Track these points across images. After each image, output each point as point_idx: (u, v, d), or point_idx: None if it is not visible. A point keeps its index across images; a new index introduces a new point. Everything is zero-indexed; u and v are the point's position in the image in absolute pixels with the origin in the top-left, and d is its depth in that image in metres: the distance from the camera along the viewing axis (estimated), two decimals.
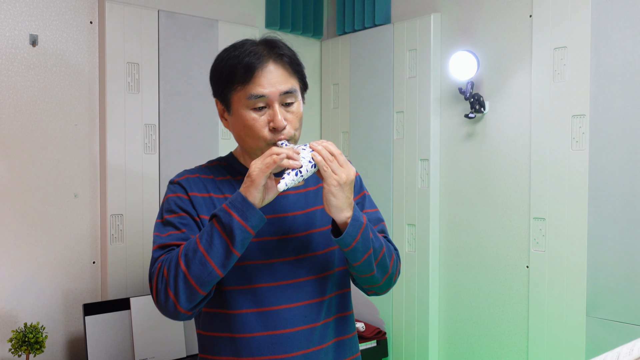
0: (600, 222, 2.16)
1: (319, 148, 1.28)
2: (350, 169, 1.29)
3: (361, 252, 1.32)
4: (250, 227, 1.24)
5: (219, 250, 1.23)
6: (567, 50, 2.25)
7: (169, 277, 1.25)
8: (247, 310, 1.35)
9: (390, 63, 2.87)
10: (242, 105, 1.34)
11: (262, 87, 1.32)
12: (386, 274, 1.41)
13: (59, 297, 2.35)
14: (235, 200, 1.25)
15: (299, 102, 1.38)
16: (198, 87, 2.67)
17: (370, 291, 1.46)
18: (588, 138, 2.19)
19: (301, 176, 1.25)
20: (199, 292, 1.25)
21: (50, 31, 2.32)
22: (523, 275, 2.42)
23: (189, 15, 2.66)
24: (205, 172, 1.46)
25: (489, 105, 2.53)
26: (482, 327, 2.57)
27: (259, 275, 1.36)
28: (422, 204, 2.74)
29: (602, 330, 2.15)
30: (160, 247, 1.34)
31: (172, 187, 1.43)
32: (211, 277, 1.24)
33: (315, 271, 1.40)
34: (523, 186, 2.42)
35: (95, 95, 2.44)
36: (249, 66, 1.33)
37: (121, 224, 2.45)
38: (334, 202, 1.27)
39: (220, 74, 1.39)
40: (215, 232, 1.24)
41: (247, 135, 1.36)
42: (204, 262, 1.23)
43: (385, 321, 2.90)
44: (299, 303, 1.37)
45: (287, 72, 1.36)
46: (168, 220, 1.37)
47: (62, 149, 2.35)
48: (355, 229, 1.29)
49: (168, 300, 1.26)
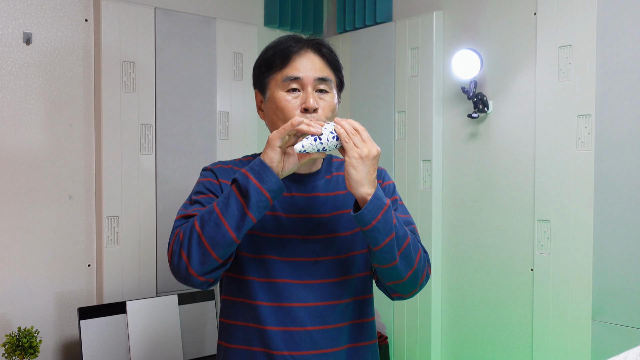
0: (606, 224, 2.16)
1: (343, 122, 1.29)
2: (374, 145, 1.29)
3: (382, 234, 1.28)
4: (266, 190, 1.26)
5: (234, 212, 1.26)
6: (573, 48, 2.25)
7: (184, 239, 1.28)
8: (265, 303, 1.39)
9: (392, 62, 2.87)
10: (277, 87, 1.40)
11: (297, 70, 1.38)
12: (411, 269, 1.35)
13: (53, 300, 2.34)
14: (254, 164, 1.28)
15: (333, 94, 1.42)
16: (195, 86, 2.67)
17: (395, 293, 1.41)
18: (594, 138, 2.19)
19: (320, 142, 1.26)
20: (212, 254, 1.26)
21: (44, 29, 2.32)
22: (527, 279, 2.41)
23: (186, 13, 2.65)
24: (238, 165, 1.49)
25: (493, 104, 2.52)
26: (485, 332, 2.57)
27: (279, 271, 1.39)
28: (424, 205, 2.74)
29: (608, 334, 2.15)
30: (183, 216, 1.37)
31: (204, 173, 1.48)
32: (225, 240, 1.26)
33: (333, 275, 1.42)
34: (527, 187, 2.41)
35: (91, 94, 2.44)
36: (287, 51, 1.39)
37: (117, 226, 2.45)
38: (354, 175, 1.27)
39: (261, 64, 1.45)
40: (232, 194, 1.27)
41: (279, 118, 1.39)
42: (218, 223, 1.25)
43: (387, 325, 2.90)
44: (314, 303, 1.40)
45: (323, 62, 1.42)
46: (196, 199, 1.40)
47: (57, 150, 2.35)
48: (376, 207, 1.27)
49: (181, 261, 1.28)
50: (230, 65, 2.82)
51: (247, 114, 2.86)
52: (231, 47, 2.82)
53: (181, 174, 2.62)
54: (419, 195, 2.75)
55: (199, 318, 2.53)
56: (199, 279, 1.29)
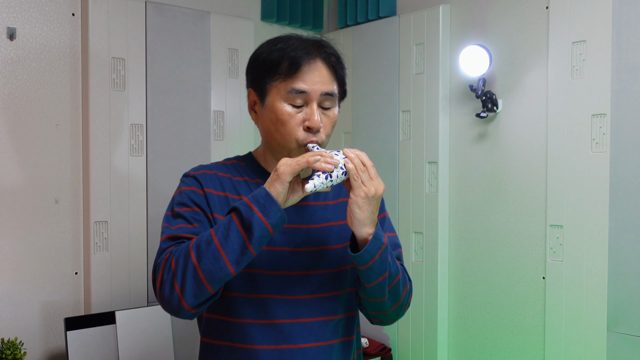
0: (622, 229, 2.15)
1: (352, 156, 1.30)
2: (381, 183, 1.31)
3: (376, 274, 1.33)
4: (270, 224, 1.25)
5: (235, 245, 1.24)
6: (587, 44, 2.25)
7: (177, 269, 1.25)
8: (250, 321, 1.37)
9: (396, 58, 2.87)
10: (280, 98, 1.37)
11: (304, 83, 1.36)
12: (397, 303, 1.42)
13: (38, 310, 2.34)
14: (258, 194, 1.26)
15: (335, 108, 1.42)
16: (188, 84, 2.67)
17: (375, 319, 1.48)
18: (609, 139, 2.19)
19: (330, 181, 1.27)
20: (207, 288, 1.25)
21: (29, 24, 2.32)
22: (539, 287, 2.41)
23: (178, 7, 2.66)
24: (222, 169, 1.47)
25: (502, 103, 2.52)
26: (495, 344, 2.57)
27: (267, 285, 1.38)
28: (430, 210, 2.73)
29: (624, 346, 2.15)
30: (169, 237, 1.35)
31: (186, 180, 1.45)
32: (222, 274, 1.24)
33: (325, 289, 1.42)
34: (539, 191, 2.41)
35: (78, 93, 2.43)
36: (296, 60, 1.36)
37: (105, 232, 2.45)
38: (359, 215, 1.29)
39: (262, 63, 1.40)
40: (233, 225, 1.24)
41: (278, 131, 1.38)
42: (217, 257, 1.23)
43: (391, 336, 2.89)
44: (304, 319, 1.39)
45: (331, 74, 1.40)
46: (179, 212, 1.38)
47: (42, 151, 2.35)
48: (375, 247, 1.31)
49: (173, 293, 1.26)
50: (225, 62, 2.82)
51: (243, 113, 2.86)
52: (226, 43, 2.82)
53: (173, 176, 2.61)
54: (425, 199, 2.75)
55: (192, 329, 2.52)
56: (191, 311, 1.28)
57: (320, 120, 1.36)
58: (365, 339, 2.82)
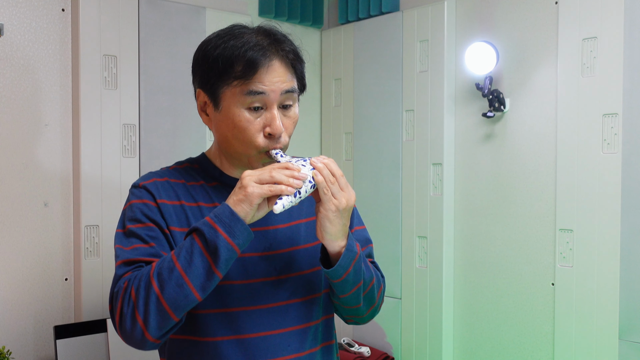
0: (635, 233, 2.15)
1: (320, 166, 1.26)
2: (351, 193, 1.29)
3: (351, 285, 1.34)
4: (237, 245, 1.21)
5: (199, 270, 1.19)
6: (598, 41, 2.25)
7: (138, 300, 1.20)
8: (223, 338, 1.33)
9: (399, 56, 2.87)
10: (237, 102, 1.31)
11: (263, 84, 1.30)
12: (372, 306, 1.45)
13: (26, 318, 2.34)
14: (221, 213, 1.21)
15: (296, 105, 1.38)
16: (183, 83, 2.66)
17: (350, 321, 1.51)
18: (621, 139, 2.19)
19: (299, 197, 1.24)
20: (172, 317, 1.21)
21: (17, 19, 2.32)
22: (548, 294, 2.41)
23: (173, 2, 2.66)
24: (174, 175, 1.42)
25: (510, 102, 2.52)
26: (502, 353, 2.56)
27: (237, 297, 1.34)
28: (434, 213, 2.73)
29: (636, 355, 2.15)
30: (124, 263, 1.28)
31: (136, 191, 1.38)
32: (187, 301, 1.20)
33: (300, 294, 1.39)
34: (548, 194, 2.41)
35: (68, 91, 2.43)
36: (253, 62, 1.29)
37: (97, 237, 2.45)
38: (330, 229, 1.27)
39: (213, 64, 1.33)
40: (196, 249, 1.20)
41: (236, 138, 1.34)
42: (181, 284, 1.18)
43: (393, 345, 2.89)
44: (281, 330, 1.36)
45: (289, 70, 1.35)
46: (132, 230, 1.31)
47: (31, 152, 2.35)
48: (349, 260, 1.30)
49: (135, 326, 1.21)
50: None
51: None
52: None
53: None
54: (429, 202, 2.75)
55: None
56: (155, 342, 1.24)
57: (281, 124, 1.32)
58: (367, 348, 2.82)
